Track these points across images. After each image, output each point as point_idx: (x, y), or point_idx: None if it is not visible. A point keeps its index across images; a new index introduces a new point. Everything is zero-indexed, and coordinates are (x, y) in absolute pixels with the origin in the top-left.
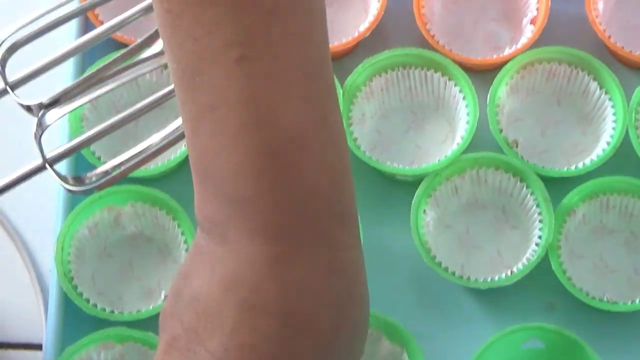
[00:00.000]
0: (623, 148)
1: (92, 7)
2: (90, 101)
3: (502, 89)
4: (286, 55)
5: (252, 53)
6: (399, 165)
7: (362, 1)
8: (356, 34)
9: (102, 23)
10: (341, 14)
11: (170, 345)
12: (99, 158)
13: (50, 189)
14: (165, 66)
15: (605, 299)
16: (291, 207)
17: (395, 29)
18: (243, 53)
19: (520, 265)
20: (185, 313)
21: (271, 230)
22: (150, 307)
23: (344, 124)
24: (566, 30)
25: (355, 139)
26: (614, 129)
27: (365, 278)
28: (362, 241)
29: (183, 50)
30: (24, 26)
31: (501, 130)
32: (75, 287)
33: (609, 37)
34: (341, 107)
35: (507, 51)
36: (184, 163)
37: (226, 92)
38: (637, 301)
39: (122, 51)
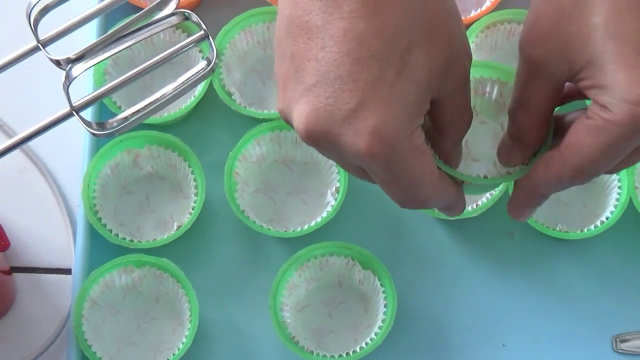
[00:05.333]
0: None
1: None
2: (111, 56)
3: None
4: None
5: None
6: None
7: None
8: None
9: None
10: None
11: None
12: (119, 106)
13: (77, 134)
14: (177, 26)
15: (558, 228)
16: None
17: None
18: None
19: (484, 199)
20: None
21: None
22: (164, 236)
23: None
24: None
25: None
26: None
27: None
28: (347, 180)
29: None
30: None
31: None
32: (99, 219)
33: None
34: None
35: (473, 13)
36: (193, 111)
37: None
38: (586, 230)
39: (139, 13)
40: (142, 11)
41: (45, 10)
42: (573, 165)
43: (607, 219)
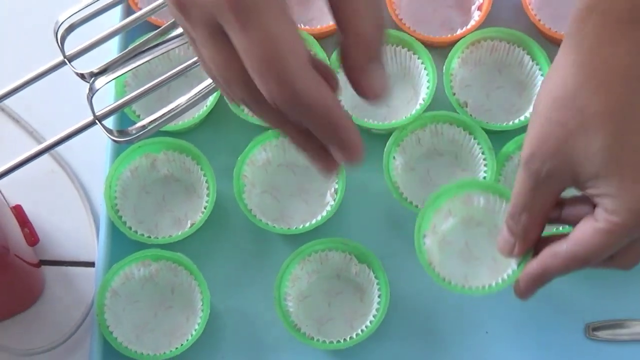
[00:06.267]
0: None
1: None
2: (131, 70)
3: (455, 61)
4: None
5: None
6: (374, 121)
7: None
8: None
9: (140, 9)
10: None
11: None
12: (138, 115)
13: (100, 140)
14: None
15: None
16: None
17: None
18: None
19: None
20: None
21: None
22: (179, 233)
23: None
24: (506, 14)
25: (340, 100)
26: None
27: None
28: (344, 183)
29: None
30: (78, 11)
31: (454, 94)
32: (120, 217)
33: (539, 20)
34: None
35: (459, 31)
36: (205, 119)
37: None
38: (561, 228)
39: (156, 31)
40: (159, 29)
41: (70, 29)
42: (581, 258)
43: None
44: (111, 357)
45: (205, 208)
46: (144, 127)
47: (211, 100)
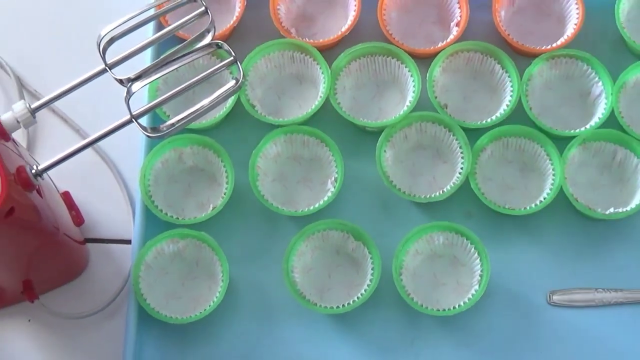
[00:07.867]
0: (516, 109)
1: (164, 14)
2: (162, 76)
3: (436, 69)
4: None
5: None
6: (368, 120)
7: (343, 11)
8: (339, 33)
9: (169, 25)
10: (329, 19)
11: None
12: (168, 115)
13: (136, 136)
14: (212, 53)
15: (506, 206)
16: None
17: (365, 29)
18: None
19: (448, 187)
20: None
21: None
22: (203, 215)
23: (331, 95)
24: (480, 30)
25: (339, 103)
26: (511, 96)
27: None
28: (343, 172)
29: None
30: (117, 26)
31: (436, 97)
32: (152, 202)
33: (508, 35)
34: (329, 83)
35: (440, 44)
36: (225, 119)
37: None
38: (527, 208)
39: (183, 43)
40: (186, 42)
41: (111, 41)
42: None
43: (544, 199)
44: (145, 320)
45: (224, 194)
46: (173, 125)
47: (230, 102)
